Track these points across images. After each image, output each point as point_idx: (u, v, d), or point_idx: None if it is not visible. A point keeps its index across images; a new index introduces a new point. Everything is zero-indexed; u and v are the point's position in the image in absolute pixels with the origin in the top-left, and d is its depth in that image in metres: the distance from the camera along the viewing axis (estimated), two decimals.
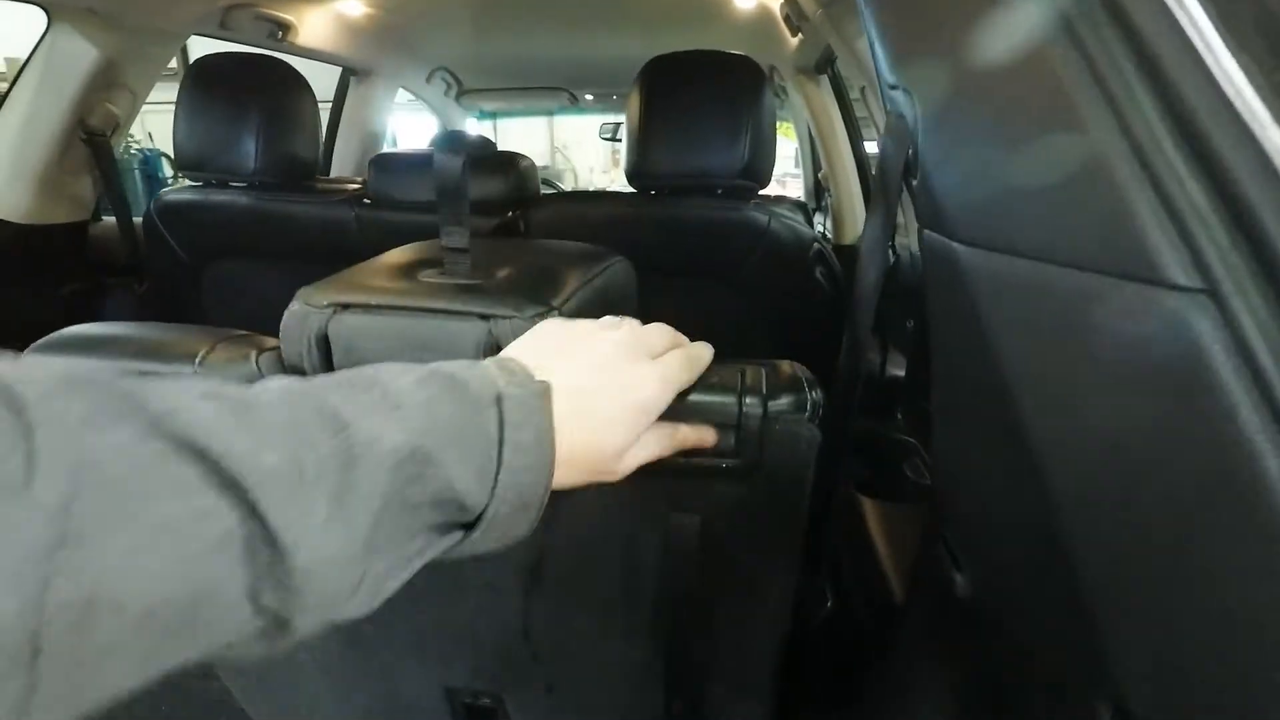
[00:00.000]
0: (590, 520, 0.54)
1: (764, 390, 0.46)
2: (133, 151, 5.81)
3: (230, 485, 0.23)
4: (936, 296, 0.37)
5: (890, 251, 0.52)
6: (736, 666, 0.63)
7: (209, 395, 0.25)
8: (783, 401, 0.46)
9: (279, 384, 0.28)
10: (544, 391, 0.32)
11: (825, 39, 1.30)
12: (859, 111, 1.79)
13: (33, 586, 0.19)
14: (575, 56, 2.44)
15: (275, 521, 0.23)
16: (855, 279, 0.49)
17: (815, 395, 0.46)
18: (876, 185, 0.44)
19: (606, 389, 0.35)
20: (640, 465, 0.37)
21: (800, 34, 1.56)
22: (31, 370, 0.21)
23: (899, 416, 1.03)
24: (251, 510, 0.23)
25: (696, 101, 1.12)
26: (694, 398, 0.43)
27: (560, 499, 0.33)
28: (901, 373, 0.98)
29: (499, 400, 0.30)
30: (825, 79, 1.82)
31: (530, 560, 0.57)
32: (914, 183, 0.39)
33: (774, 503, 0.48)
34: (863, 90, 1.21)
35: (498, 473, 0.29)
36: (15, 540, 0.19)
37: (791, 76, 1.88)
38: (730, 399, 0.46)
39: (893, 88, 0.39)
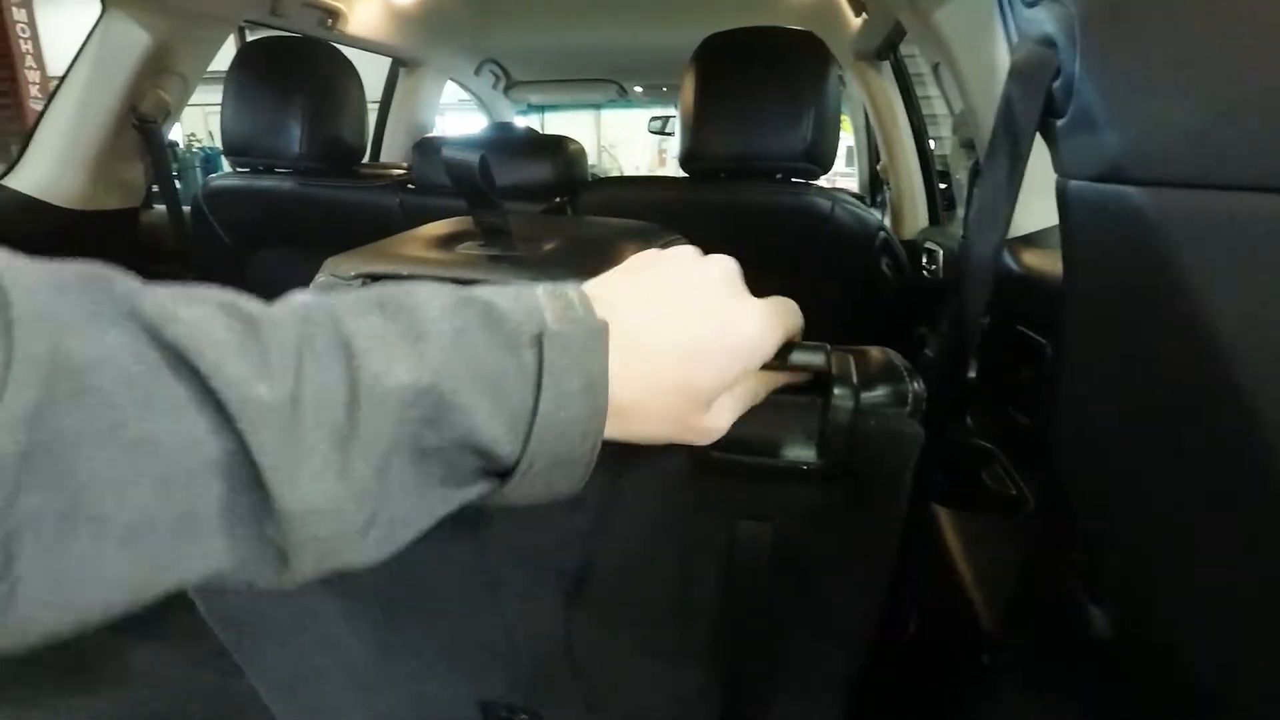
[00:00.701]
0: (644, 524, 0.48)
1: (854, 379, 0.39)
2: (194, 150, 6.03)
3: (218, 412, 0.21)
4: (1094, 261, 0.30)
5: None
6: (804, 695, 0.56)
7: (220, 305, 0.22)
8: (879, 393, 0.39)
9: (298, 301, 0.24)
10: (599, 331, 0.27)
11: (895, 14, 1.22)
12: (925, 110, 1.71)
13: (1, 495, 0.18)
14: (625, 47, 2.40)
15: (262, 461, 0.21)
16: (962, 253, 0.42)
17: (917, 387, 0.39)
18: (997, 135, 0.37)
19: (700, 322, 0.29)
20: (732, 422, 0.32)
21: (865, 12, 1.47)
22: (22, 263, 0.19)
23: (969, 422, 0.95)
24: (239, 444, 0.21)
25: (755, 80, 1.05)
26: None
27: (610, 502, 0.28)
28: (973, 374, 0.90)
29: (540, 339, 0.26)
30: (887, 66, 1.73)
31: (575, 567, 0.51)
32: (1059, 124, 0.32)
33: (862, 511, 0.41)
34: (936, 67, 1.12)
35: (532, 424, 0.25)
36: None
37: (850, 64, 1.79)
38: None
39: (1032, 4, 0.32)
